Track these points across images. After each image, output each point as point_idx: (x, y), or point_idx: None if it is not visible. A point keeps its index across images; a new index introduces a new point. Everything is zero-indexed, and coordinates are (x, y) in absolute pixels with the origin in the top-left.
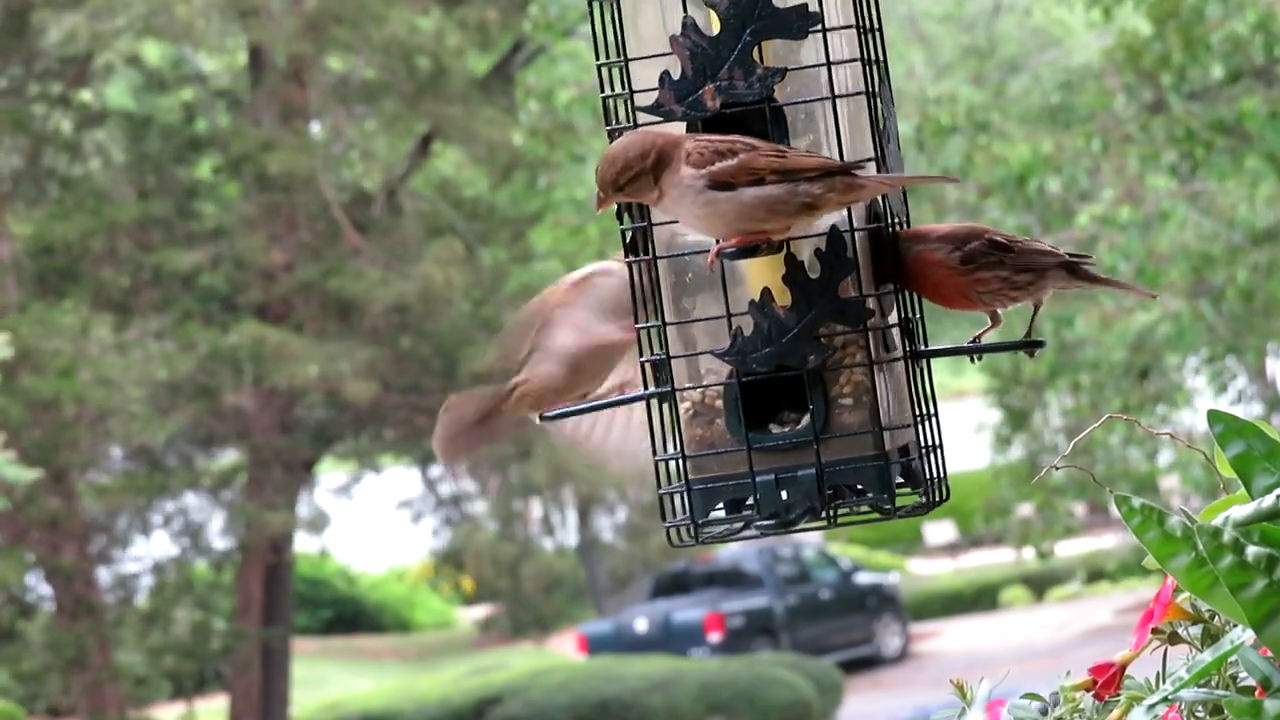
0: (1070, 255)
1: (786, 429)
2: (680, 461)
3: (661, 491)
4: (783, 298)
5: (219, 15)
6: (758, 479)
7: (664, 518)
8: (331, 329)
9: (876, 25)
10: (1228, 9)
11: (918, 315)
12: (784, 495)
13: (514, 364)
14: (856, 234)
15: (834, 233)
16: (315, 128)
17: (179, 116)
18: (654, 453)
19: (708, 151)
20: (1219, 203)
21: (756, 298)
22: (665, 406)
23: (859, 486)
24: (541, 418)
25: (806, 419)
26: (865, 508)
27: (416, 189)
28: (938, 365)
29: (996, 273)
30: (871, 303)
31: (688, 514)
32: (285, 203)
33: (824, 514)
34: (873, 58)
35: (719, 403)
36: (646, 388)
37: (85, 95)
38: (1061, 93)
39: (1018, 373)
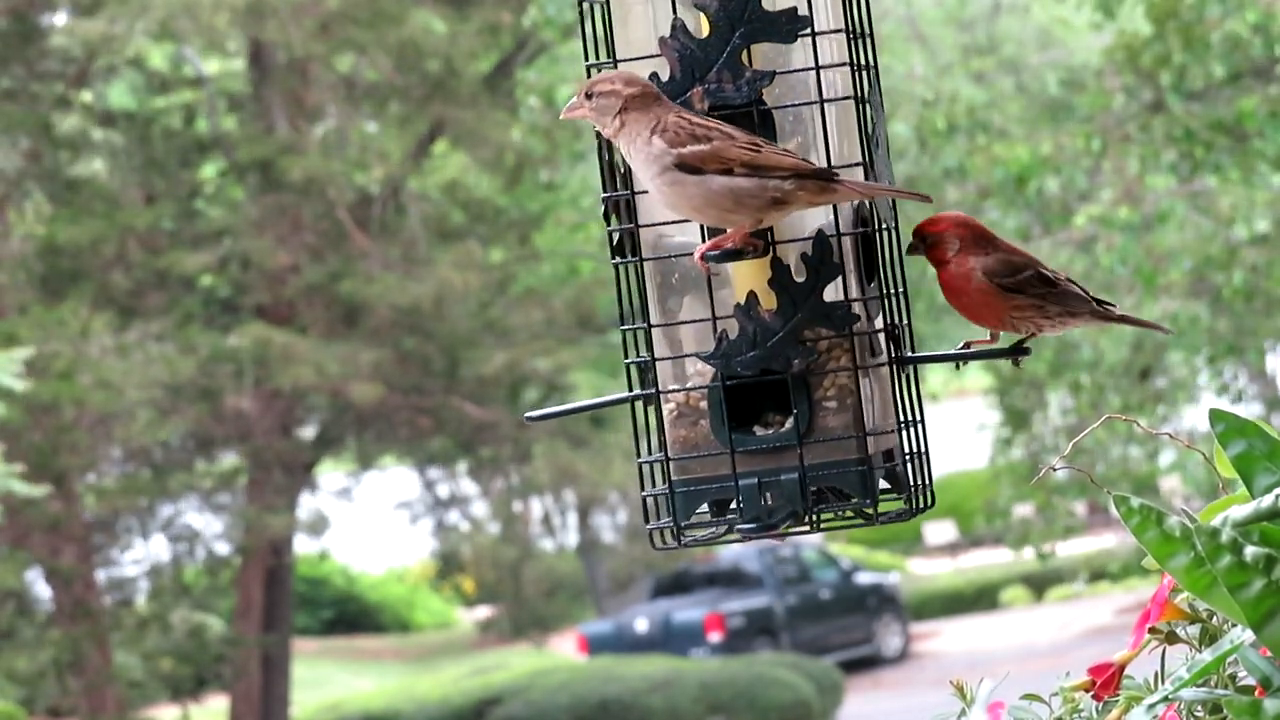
0: (1097, 300)
1: (770, 431)
2: (664, 463)
3: (645, 494)
4: (768, 301)
5: (237, 17)
6: (741, 482)
7: (647, 520)
8: (336, 331)
9: (867, 30)
10: (1227, 9)
11: (905, 322)
12: (767, 498)
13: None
14: (844, 238)
15: (820, 237)
16: (319, 129)
17: (180, 117)
18: (637, 454)
19: (683, 132)
20: (1218, 203)
21: (742, 301)
22: (650, 408)
23: (842, 490)
24: (527, 418)
25: (791, 422)
26: (849, 512)
27: (423, 191)
28: (937, 365)
29: (1034, 302)
30: (857, 307)
31: (671, 516)
32: (291, 204)
33: (806, 518)
34: (863, 62)
35: (703, 404)
36: (631, 390)
37: (86, 96)
38: (1062, 89)
39: (1018, 372)
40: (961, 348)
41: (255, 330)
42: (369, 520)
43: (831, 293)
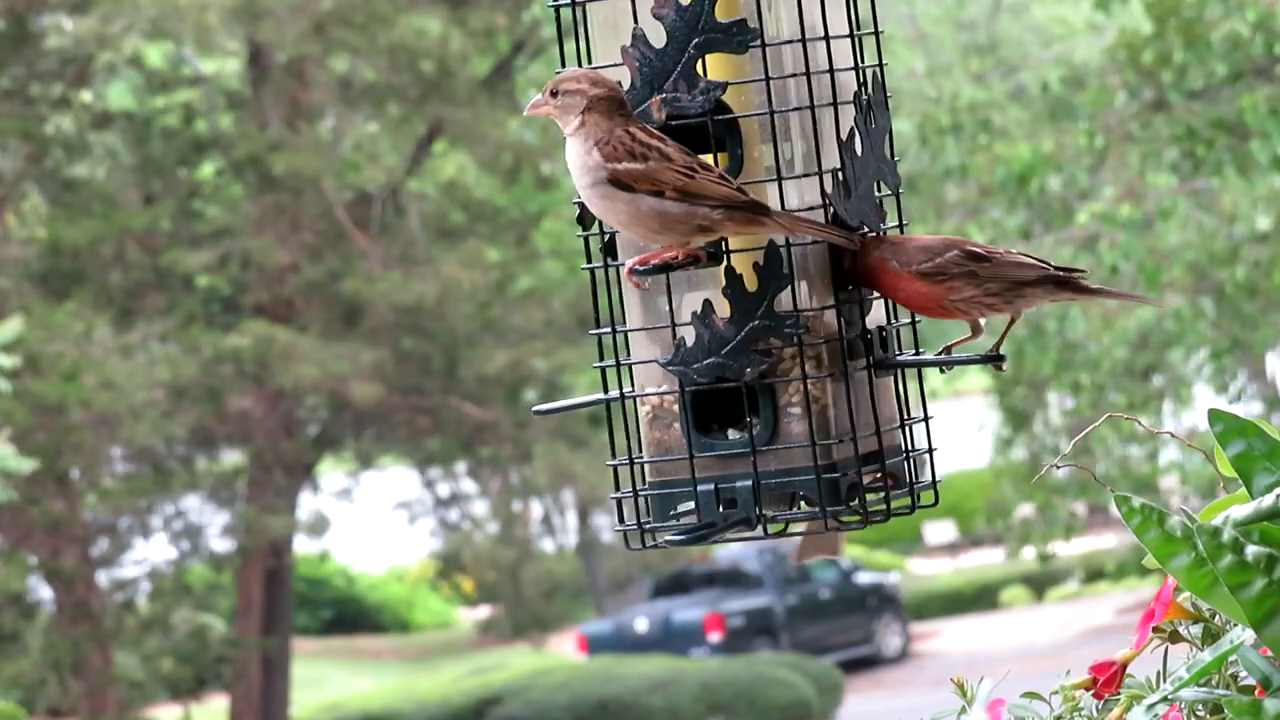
0: (1060, 269)
1: (742, 435)
2: (632, 466)
3: (614, 495)
4: (724, 309)
5: (230, 17)
6: (699, 487)
7: (621, 520)
8: (335, 330)
9: (873, 29)
10: (1228, 8)
11: (909, 321)
12: (730, 503)
13: None
14: (810, 248)
15: (771, 247)
16: (318, 129)
17: (179, 117)
18: (612, 455)
19: (621, 147)
20: (1220, 200)
21: (699, 309)
22: (626, 409)
23: (804, 496)
24: (535, 411)
25: (760, 426)
26: (814, 518)
27: (422, 190)
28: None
29: (969, 283)
30: (829, 314)
31: (646, 518)
32: (290, 204)
33: (756, 524)
34: (839, 66)
35: (676, 407)
36: (606, 391)
37: (86, 96)
38: (1063, 87)
39: (1018, 372)
40: (942, 351)
41: (257, 328)
42: (369, 520)
43: (786, 302)
